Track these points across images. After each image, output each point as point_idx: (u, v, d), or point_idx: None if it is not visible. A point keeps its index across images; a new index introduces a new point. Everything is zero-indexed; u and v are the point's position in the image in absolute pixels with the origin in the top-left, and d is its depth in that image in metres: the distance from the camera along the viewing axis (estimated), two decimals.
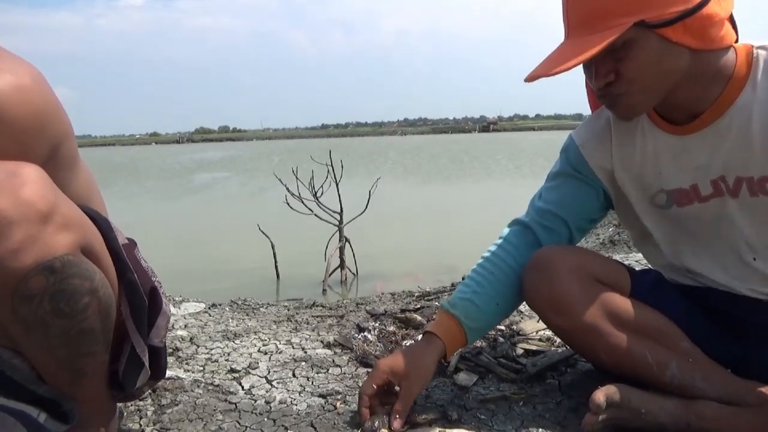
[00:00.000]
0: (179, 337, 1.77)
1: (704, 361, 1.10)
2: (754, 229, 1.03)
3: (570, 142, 1.25)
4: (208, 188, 13.38)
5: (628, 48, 0.92)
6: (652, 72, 0.95)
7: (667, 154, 1.09)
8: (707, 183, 1.06)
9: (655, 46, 0.93)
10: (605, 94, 1.00)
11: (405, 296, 2.42)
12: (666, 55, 0.94)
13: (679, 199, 1.10)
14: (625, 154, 1.15)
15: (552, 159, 1.35)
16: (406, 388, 1.13)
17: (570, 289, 1.10)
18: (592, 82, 1.00)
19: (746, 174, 1.01)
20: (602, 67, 0.96)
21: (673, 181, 1.10)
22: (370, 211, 4.60)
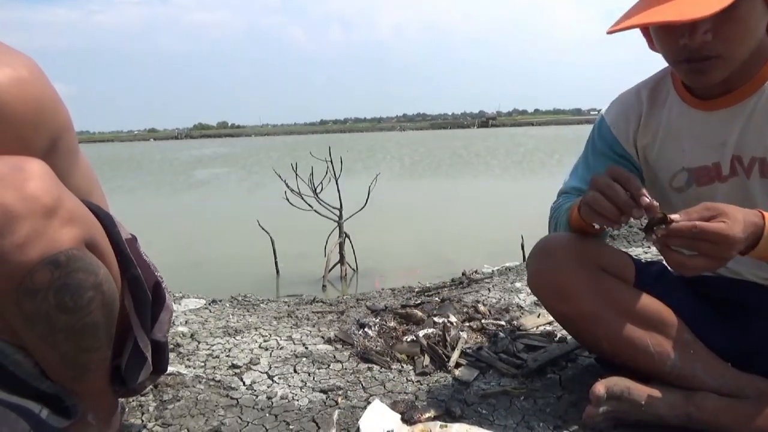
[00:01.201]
0: (180, 333, 1.77)
1: (705, 352, 1.11)
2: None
3: (601, 121, 1.24)
4: (207, 184, 13.36)
5: (737, 6, 0.88)
6: (749, 35, 0.94)
7: (692, 130, 1.09)
8: (727, 161, 1.06)
9: (759, 9, 0.93)
10: (694, 56, 0.95)
11: (405, 292, 2.42)
12: (762, 20, 0.94)
13: (699, 178, 1.10)
14: (651, 130, 1.15)
15: (551, 153, 1.34)
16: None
17: (574, 277, 1.10)
18: (679, 41, 0.94)
19: (760, 155, 1.02)
20: (703, 24, 0.91)
21: (696, 158, 1.09)
22: (370, 206, 4.60)
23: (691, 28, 0.92)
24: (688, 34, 0.93)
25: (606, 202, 0.93)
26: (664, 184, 1.17)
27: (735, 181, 1.07)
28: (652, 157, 1.17)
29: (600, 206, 0.94)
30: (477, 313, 1.85)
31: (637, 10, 0.94)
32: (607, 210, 0.93)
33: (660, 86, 1.17)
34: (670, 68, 1.09)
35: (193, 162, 23.96)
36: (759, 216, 0.90)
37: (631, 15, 0.94)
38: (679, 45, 0.95)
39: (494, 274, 2.70)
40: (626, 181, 0.92)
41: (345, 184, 4.56)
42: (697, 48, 0.94)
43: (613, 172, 0.95)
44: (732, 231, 0.85)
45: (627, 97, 1.22)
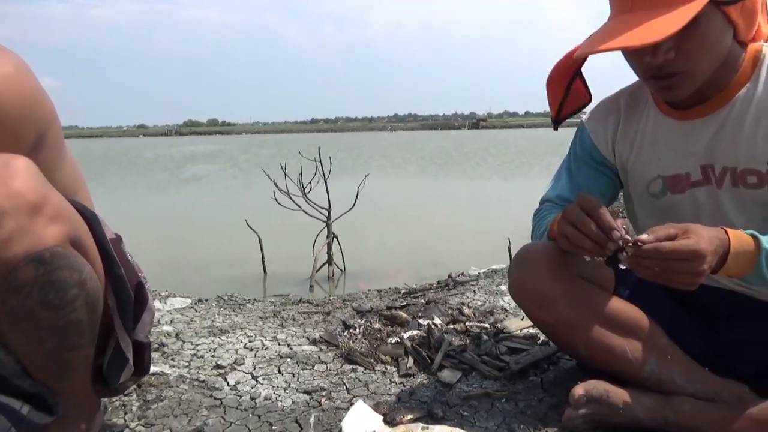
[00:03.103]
0: (165, 333, 1.77)
1: (682, 358, 1.13)
2: (740, 219, 1.05)
3: (582, 127, 1.27)
4: (195, 182, 13.29)
5: (696, 23, 0.91)
6: (712, 50, 0.96)
7: (667, 139, 1.12)
8: (698, 168, 1.08)
9: (718, 24, 0.95)
10: (659, 73, 0.98)
11: (391, 293, 2.44)
12: (723, 34, 0.97)
13: (673, 186, 1.12)
14: (628, 138, 1.18)
15: (540, 156, 1.36)
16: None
17: (553, 285, 1.12)
18: (644, 60, 0.97)
19: (731, 165, 1.04)
20: (665, 43, 0.93)
21: (671, 166, 1.12)
22: (359, 207, 4.61)
23: (654, 48, 0.94)
24: (651, 53, 0.95)
25: (583, 238, 0.95)
26: (641, 190, 1.19)
27: (707, 190, 1.09)
28: (629, 164, 1.19)
29: (578, 242, 0.97)
30: (462, 316, 1.87)
31: (604, 33, 0.97)
32: (585, 245, 0.96)
33: (638, 94, 1.19)
34: None
35: (182, 159, 23.83)
36: (723, 232, 0.92)
37: (598, 38, 0.97)
38: (644, 63, 0.98)
39: (480, 276, 2.72)
40: (596, 215, 0.94)
41: (334, 184, 4.56)
42: (661, 66, 0.97)
43: (582, 203, 0.97)
44: (699, 245, 0.87)
45: (606, 105, 1.24)
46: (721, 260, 0.92)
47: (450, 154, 23.11)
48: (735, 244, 0.91)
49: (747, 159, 1.02)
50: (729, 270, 0.93)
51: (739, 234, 0.93)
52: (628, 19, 0.94)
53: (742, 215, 1.05)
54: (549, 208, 1.26)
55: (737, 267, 0.93)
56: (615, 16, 0.99)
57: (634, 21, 0.92)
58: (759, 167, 1.01)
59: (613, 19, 0.99)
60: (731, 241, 0.91)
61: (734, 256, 0.91)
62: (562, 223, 0.99)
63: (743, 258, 0.92)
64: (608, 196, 1.26)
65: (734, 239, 0.92)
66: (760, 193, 1.03)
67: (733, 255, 0.91)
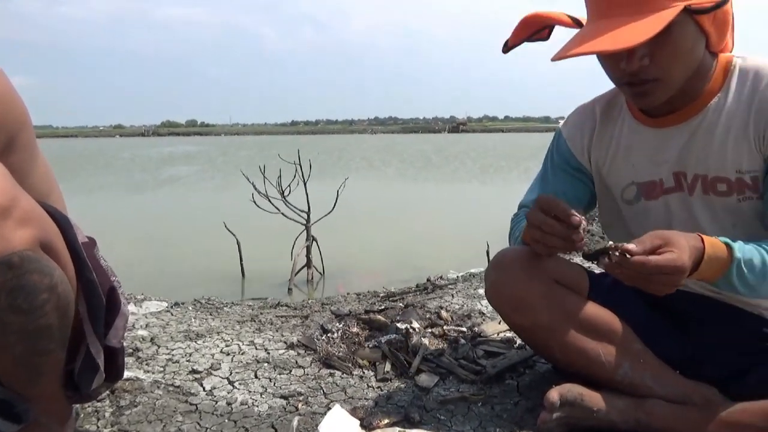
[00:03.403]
0: (140, 337, 1.75)
1: (654, 361, 1.15)
2: (710, 226, 1.08)
3: (559, 134, 1.29)
4: (173, 183, 13.13)
5: (670, 31, 0.93)
6: (685, 58, 0.98)
7: (641, 146, 1.14)
8: (671, 175, 1.11)
9: (691, 33, 0.97)
10: (633, 80, 1.00)
11: (370, 297, 2.43)
12: (696, 42, 0.98)
13: (647, 192, 1.15)
14: (603, 145, 1.20)
15: (519, 160, 1.38)
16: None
17: (530, 289, 1.13)
18: (619, 66, 0.98)
19: (702, 172, 1.07)
20: (640, 49, 0.95)
21: (645, 173, 1.14)
22: (338, 210, 4.60)
23: (629, 54, 0.96)
24: (626, 59, 0.97)
25: (551, 238, 0.98)
26: (616, 196, 1.21)
27: (679, 197, 1.11)
28: (604, 170, 1.21)
29: (547, 242, 0.99)
30: (440, 319, 1.88)
31: (580, 38, 0.98)
32: (555, 244, 0.99)
33: (614, 102, 1.21)
34: None
35: (160, 160, 23.53)
36: (699, 240, 0.95)
37: (574, 43, 0.98)
38: (620, 69, 0.99)
39: (459, 280, 2.73)
40: (554, 208, 0.97)
41: (314, 187, 4.54)
42: (635, 72, 0.98)
43: (540, 203, 0.99)
44: (682, 260, 0.90)
45: (582, 111, 1.26)
46: (695, 266, 0.94)
47: (430, 157, 23.21)
48: (709, 251, 0.94)
49: (717, 167, 1.05)
50: (701, 275, 0.95)
51: (714, 241, 0.95)
52: (604, 25, 0.95)
53: (713, 222, 1.08)
54: (524, 213, 1.28)
55: (709, 272, 0.95)
56: (592, 21, 1.00)
57: (609, 27, 0.94)
58: (728, 175, 1.04)
59: (590, 24, 1.00)
60: (706, 249, 0.94)
61: (707, 262, 0.94)
62: (529, 228, 1.02)
63: (716, 264, 0.95)
64: (585, 202, 1.28)
65: (709, 246, 0.94)
66: (729, 201, 1.06)
67: (707, 261, 0.94)
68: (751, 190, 1.04)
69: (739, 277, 0.95)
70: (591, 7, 1.01)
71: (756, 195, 1.04)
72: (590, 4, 1.01)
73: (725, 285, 0.97)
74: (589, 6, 1.01)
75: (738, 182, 1.04)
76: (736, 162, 1.03)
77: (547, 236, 0.98)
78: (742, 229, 1.05)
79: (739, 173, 1.03)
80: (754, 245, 0.97)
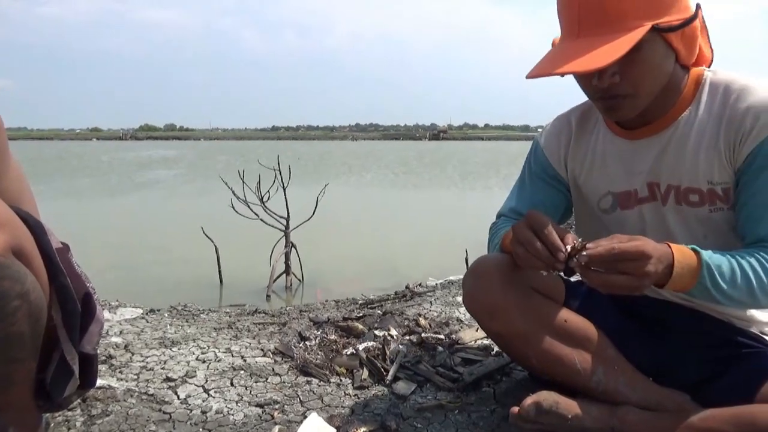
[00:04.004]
0: (113, 344, 1.72)
1: (628, 368, 1.17)
2: (683, 236, 1.10)
3: (536, 143, 1.31)
4: (150, 188, 12.97)
5: (639, 49, 0.96)
6: (654, 74, 1.01)
7: (616, 157, 1.17)
8: (644, 186, 1.13)
9: (660, 50, 1.00)
10: (605, 95, 1.03)
11: (349, 304, 2.43)
12: (666, 59, 1.02)
13: (623, 202, 1.17)
14: (580, 155, 1.22)
15: (498, 168, 1.39)
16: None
17: (506, 297, 1.14)
18: (592, 82, 1.01)
19: (675, 183, 1.09)
20: (610, 67, 0.98)
21: (620, 183, 1.17)
22: (318, 216, 4.59)
23: (600, 72, 0.99)
24: (597, 77, 1.00)
25: (533, 258, 0.98)
26: (593, 205, 1.23)
27: (653, 207, 1.14)
28: (581, 180, 1.23)
29: (529, 262, 1.00)
30: (418, 327, 1.88)
31: (553, 57, 1.01)
32: (536, 264, 0.99)
33: (590, 113, 1.23)
34: None
35: (136, 164, 23.23)
36: (667, 246, 0.96)
37: (548, 61, 1.01)
38: (592, 86, 1.02)
39: (437, 287, 2.74)
40: (543, 235, 0.97)
41: (294, 193, 4.52)
42: (607, 89, 1.01)
43: (531, 222, 1.00)
44: (646, 247, 0.92)
45: (559, 122, 1.28)
46: (666, 275, 0.95)
47: (411, 164, 23.28)
48: (678, 257, 0.96)
49: (689, 178, 1.07)
50: (675, 284, 0.97)
51: (682, 249, 0.97)
52: (576, 45, 0.98)
53: (685, 232, 1.10)
54: (503, 222, 1.29)
55: (682, 281, 0.97)
56: (564, 40, 1.03)
57: (580, 47, 0.97)
58: (700, 186, 1.07)
59: (563, 42, 1.03)
60: (675, 256, 0.96)
61: (678, 270, 0.95)
62: (514, 243, 1.02)
63: (687, 272, 0.96)
64: (561, 211, 1.30)
65: (678, 253, 0.96)
66: (701, 211, 1.08)
67: (678, 269, 0.95)
68: (723, 201, 1.06)
69: (713, 283, 0.97)
70: (564, 27, 1.04)
71: (727, 206, 1.07)
72: (563, 24, 1.04)
73: (701, 293, 0.99)
74: (563, 26, 1.04)
75: (710, 193, 1.07)
76: (707, 173, 1.05)
77: (530, 256, 0.99)
78: (713, 239, 1.07)
79: (711, 184, 1.06)
80: (725, 254, 0.99)
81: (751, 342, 1.14)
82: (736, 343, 1.14)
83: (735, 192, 1.05)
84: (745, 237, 1.04)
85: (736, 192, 1.05)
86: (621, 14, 0.95)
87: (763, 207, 1.01)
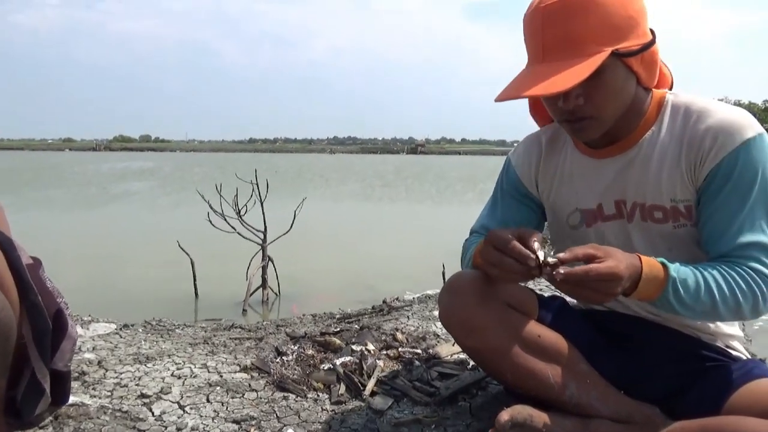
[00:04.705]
0: (86, 361, 1.69)
1: (600, 382, 1.20)
2: (647, 251, 1.13)
3: (508, 161, 1.35)
4: (125, 200, 12.77)
5: (601, 73, 1.00)
6: (616, 97, 1.06)
7: (583, 175, 1.21)
8: (611, 203, 1.18)
9: (621, 74, 1.04)
10: (570, 117, 1.08)
11: (326, 318, 2.43)
12: (627, 82, 1.06)
13: (590, 218, 1.22)
14: (549, 173, 1.27)
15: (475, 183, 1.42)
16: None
17: (481, 312, 1.16)
18: (557, 105, 1.06)
19: (640, 200, 1.14)
20: (574, 91, 1.03)
21: (587, 200, 1.21)
22: (295, 230, 4.57)
23: (565, 95, 1.04)
24: (563, 99, 1.05)
25: (511, 274, 1.01)
26: (562, 222, 1.27)
27: (619, 223, 1.18)
28: (551, 197, 1.28)
29: (509, 278, 1.04)
30: (395, 341, 1.89)
31: (520, 81, 1.06)
32: (516, 278, 1.04)
33: (559, 132, 1.28)
34: None
35: (111, 175, 22.87)
36: (637, 259, 1.00)
37: (515, 85, 1.05)
38: (558, 108, 1.07)
39: (414, 301, 2.76)
40: (508, 250, 1.00)
41: (271, 207, 4.51)
42: (571, 111, 1.06)
43: (492, 241, 1.03)
44: (618, 269, 0.95)
45: (530, 140, 1.33)
46: (633, 284, 0.99)
47: (388, 177, 23.36)
48: (646, 270, 1.00)
49: (653, 196, 1.12)
50: (640, 294, 1.01)
51: (651, 261, 1.01)
52: (541, 70, 1.03)
53: (650, 247, 1.14)
54: (475, 238, 1.32)
55: (647, 291, 1.01)
56: (530, 65, 1.08)
57: (545, 72, 1.01)
58: (664, 203, 1.11)
59: (529, 67, 1.08)
60: (643, 268, 1.00)
61: (645, 281, 0.99)
62: (487, 266, 1.05)
63: (653, 284, 1.00)
64: (533, 227, 1.33)
65: (646, 266, 1.00)
66: (665, 228, 1.13)
67: (644, 280, 0.99)
68: (685, 218, 1.11)
69: (676, 296, 1.01)
70: (530, 52, 1.08)
71: (690, 222, 1.11)
72: (529, 49, 1.08)
73: (663, 304, 1.03)
74: (529, 51, 1.09)
75: (673, 210, 1.11)
76: (670, 191, 1.10)
77: (505, 273, 1.02)
78: (677, 254, 1.11)
79: (674, 202, 1.11)
80: (690, 267, 1.03)
81: (717, 356, 1.18)
82: (703, 357, 1.18)
83: (697, 209, 1.10)
84: (708, 252, 1.09)
85: (698, 209, 1.09)
86: (582, 41, 1.00)
87: (724, 223, 1.05)
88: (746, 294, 1.01)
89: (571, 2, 1.00)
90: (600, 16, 0.99)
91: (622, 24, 1.01)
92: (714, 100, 1.12)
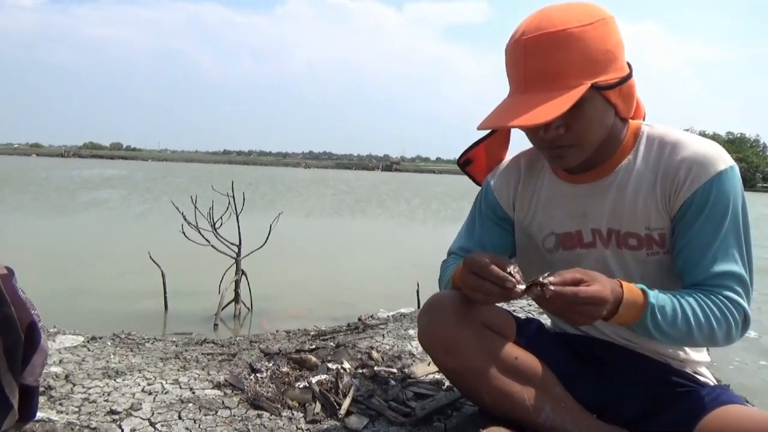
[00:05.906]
0: (53, 374, 1.65)
1: (574, 405, 1.21)
2: (621, 276, 1.16)
3: (487, 184, 1.37)
4: (94, 208, 12.50)
5: (581, 105, 1.04)
6: (595, 127, 1.10)
7: (560, 200, 1.24)
8: (588, 230, 1.21)
9: (600, 105, 1.08)
10: (551, 146, 1.11)
11: (300, 335, 2.41)
12: (606, 113, 1.10)
13: (565, 243, 1.25)
14: (527, 197, 1.30)
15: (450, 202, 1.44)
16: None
17: (461, 333, 1.18)
18: (539, 134, 1.10)
19: (615, 227, 1.17)
20: (555, 121, 1.06)
21: (563, 225, 1.24)
22: (270, 245, 4.53)
23: (545, 125, 1.08)
24: (544, 129, 1.09)
25: (492, 298, 1.04)
26: (539, 244, 1.29)
27: (594, 249, 1.22)
28: (527, 221, 1.31)
29: (492, 301, 1.07)
30: (370, 360, 1.88)
31: (502, 110, 1.09)
32: (498, 301, 1.07)
33: (537, 157, 1.31)
34: None
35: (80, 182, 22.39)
36: (619, 285, 1.04)
37: (497, 114, 1.09)
38: (539, 137, 1.11)
39: (389, 320, 2.76)
40: (486, 274, 1.02)
41: (246, 220, 4.46)
42: (552, 140, 1.10)
43: (471, 268, 1.05)
44: (605, 293, 0.99)
45: (509, 164, 1.36)
46: (614, 309, 1.02)
47: (363, 194, 23.38)
48: (627, 296, 1.03)
49: (628, 223, 1.15)
50: (620, 318, 1.04)
51: (632, 287, 1.04)
52: (523, 101, 1.06)
53: (623, 273, 1.17)
54: (453, 260, 1.34)
55: (627, 316, 1.04)
56: (512, 95, 1.11)
57: (527, 102, 1.05)
58: (639, 231, 1.15)
59: (511, 97, 1.11)
60: (624, 293, 1.03)
61: (625, 307, 1.03)
62: (468, 290, 1.07)
63: (633, 309, 1.03)
64: (509, 250, 1.36)
65: (627, 291, 1.03)
66: (639, 255, 1.16)
67: (624, 305, 1.02)
68: (659, 246, 1.15)
69: (653, 321, 1.04)
70: (512, 82, 1.12)
71: (663, 250, 1.15)
72: (511, 80, 1.12)
73: (641, 329, 1.06)
74: (511, 82, 1.12)
75: (647, 238, 1.15)
76: (645, 219, 1.14)
77: (487, 298, 1.04)
78: (650, 281, 1.14)
79: (648, 230, 1.14)
80: (669, 294, 1.06)
81: (686, 382, 1.21)
82: (672, 383, 1.21)
83: (671, 238, 1.13)
84: (684, 279, 1.12)
85: (673, 238, 1.13)
86: (563, 74, 1.04)
87: (698, 252, 1.09)
88: (720, 321, 1.05)
89: (552, 36, 1.03)
90: (580, 50, 1.03)
91: (601, 58, 1.05)
92: (684, 131, 1.17)
